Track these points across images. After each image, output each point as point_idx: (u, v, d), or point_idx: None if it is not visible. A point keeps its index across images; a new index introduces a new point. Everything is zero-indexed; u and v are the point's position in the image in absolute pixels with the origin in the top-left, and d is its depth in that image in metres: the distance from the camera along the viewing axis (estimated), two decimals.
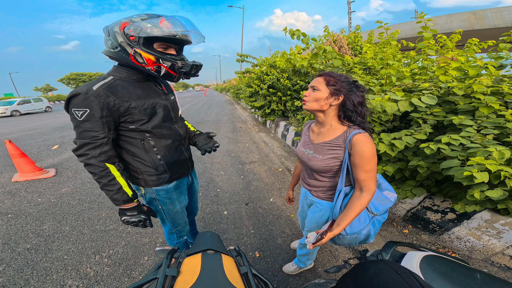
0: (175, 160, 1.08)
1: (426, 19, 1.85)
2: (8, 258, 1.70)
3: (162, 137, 1.02)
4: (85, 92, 0.84)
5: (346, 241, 1.01)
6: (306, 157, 1.01)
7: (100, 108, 0.85)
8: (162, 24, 0.85)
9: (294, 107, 5.45)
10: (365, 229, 0.97)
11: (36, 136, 6.28)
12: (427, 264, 0.60)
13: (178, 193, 1.16)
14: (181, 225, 1.25)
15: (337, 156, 0.91)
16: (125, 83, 0.93)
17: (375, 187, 0.89)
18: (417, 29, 1.87)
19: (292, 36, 1.92)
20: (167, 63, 0.91)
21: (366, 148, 0.84)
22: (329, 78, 0.89)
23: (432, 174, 1.64)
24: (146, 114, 0.95)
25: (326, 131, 0.96)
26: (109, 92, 0.87)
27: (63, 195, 2.72)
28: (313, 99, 0.91)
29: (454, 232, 1.63)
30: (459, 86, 1.42)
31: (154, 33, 0.84)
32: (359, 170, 0.87)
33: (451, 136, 1.32)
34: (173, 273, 0.56)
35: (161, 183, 1.07)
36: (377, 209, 0.98)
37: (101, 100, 0.85)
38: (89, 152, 0.88)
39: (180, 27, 0.88)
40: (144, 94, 0.96)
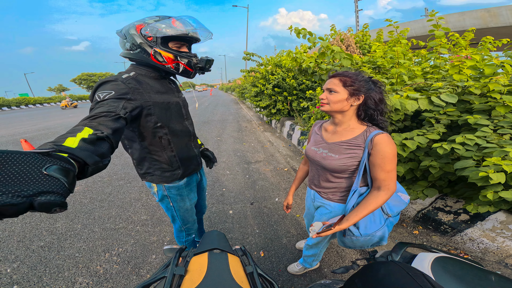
0: (186, 156, 1.12)
1: (438, 17, 1.79)
2: (22, 256, 1.77)
3: (176, 134, 1.05)
4: (114, 79, 0.86)
5: (359, 243, 0.98)
6: (319, 156, 0.99)
7: (124, 93, 0.83)
8: (175, 24, 0.91)
9: (300, 107, 5.41)
10: (380, 230, 0.95)
11: (50, 136, 6.51)
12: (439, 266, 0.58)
13: (189, 190, 1.19)
14: (190, 223, 1.29)
15: (355, 156, 0.90)
16: (146, 78, 0.97)
17: (395, 187, 0.88)
18: (427, 27, 1.82)
19: (297, 35, 1.90)
20: (184, 60, 0.97)
21: (388, 148, 0.83)
22: (345, 78, 0.87)
23: (445, 174, 1.59)
24: (162, 108, 0.98)
25: (343, 131, 0.94)
26: (136, 82, 0.91)
27: (75, 193, 2.81)
28: (332, 101, 0.89)
29: (467, 233, 1.58)
30: (476, 85, 1.37)
31: (169, 32, 0.90)
32: (379, 170, 0.86)
33: (466, 136, 1.27)
34: (181, 272, 0.57)
35: (174, 179, 1.09)
36: (392, 211, 0.96)
37: (128, 86, 0.86)
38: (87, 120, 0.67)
39: (190, 26, 0.94)
40: (162, 89, 1.01)
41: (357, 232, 0.95)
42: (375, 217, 0.95)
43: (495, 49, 2.13)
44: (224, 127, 6.96)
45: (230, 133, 6.01)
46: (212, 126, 7.20)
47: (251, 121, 8.00)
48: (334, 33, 4.18)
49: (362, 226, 0.95)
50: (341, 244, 1.09)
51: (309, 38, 1.89)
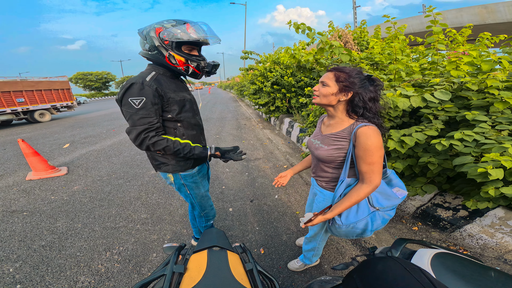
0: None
1: (435, 13, 1.78)
2: (24, 255, 1.77)
3: (189, 127, 1.17)
4: (140, 82, 0.99)
5: (342, 232, 1.01)
6: (313, 147, 1.04)
7: (153, 96, 1.00)
8: (189, 30, 1.01)
9: (299, 104, 5.40)
10: (362, 221, 0.97)
11: (48, 135, 6.48)
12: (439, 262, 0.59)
13: (201, 177, 1.31)
14: (207, 209, 1.42)
15: (341, 148, 0.93)
16: (164, 78, 1.09)
17: (378, 180, 0.88)
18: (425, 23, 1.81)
19: (296, 30, 1.89)
20: (194, 63, 1.07)
21: (369, 141, 0.84)
22: (339, 74, 0.88)
23: (444, 170, 1.60)
24: (179, 105, 1.10)
25: (335, 124, 0.97)
26: (157, 83, 1.03)
27: (75, 193, 2.80)
28: (322, 94, 0.92)
29: (466, 229, 1.60)
30: (473, 81, 1.37)
31: (184, 38, 1.00)
32: (361, 162, 0.88)
33: (464, 132, 1.28)
34: (180, 270, 0.57)
35: (188, 168, 1.21)
36: (380, 204, 0.97)
37: (153, 89, 1.00)
38: (149, 134, 1.02)
39: (202, 33, 1.04)
40: (177, 87, 1.12)
41: (339, 220, 0.98)
42: (358, 208, 0.97)
43: (492, 45, 2.13)
44: (223, 125, 6.95)
45: (229, 131, 6.01)
46: (211, 124, 7.18)
47: (250, 118, 7.98)
48: (332, 29, 4.15)
49: (344, 215, 0.97)
50: (329, 231, 1.13)
51: (308, 33, 1.88)
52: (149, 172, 3.39)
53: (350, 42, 3.96)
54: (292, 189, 2.74)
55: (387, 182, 1.02)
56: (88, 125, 8.11)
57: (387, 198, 0.97)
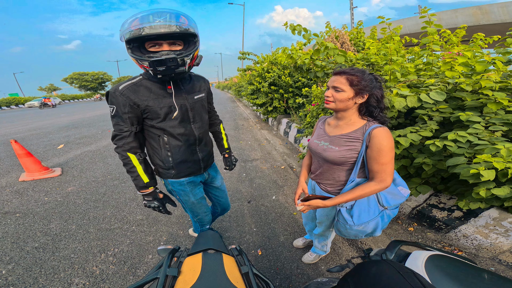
0: (184, 159, 1.12)
1: (430, 14, 1.80)
2: (17, 257, 1.74)
3: (175, 136, 1.07)
4: (113, 91, 0.95)
5: (353, 232, 1.02)
6: (320, 149, 1.03)
7: (123, 106, 0.95)
8: (133, 24, 0.81)
9: (296, 104, 5.41)
10: (373, 221, 0.98)
11: (42, 136, 6.38)
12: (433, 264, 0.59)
13: (192, 187, 1.22)
14: (200, 215, 1.36)
15: (354, 148, 0.93)
16: (149, 83, 0.99)
17: (389, 181, 0.90)
18: (421, 24, 1.83)
19: (293, 31, 1.89)
20: (145, 63, 0.86)
21: (384, 142, 0.86)
22: (352, 78, 0.88)
23: (438, 171, 1.62)
24: (162, 113, 1.01)
25: (344, 125, 0.97)
26: (131, 91, 0.95)
27: (69, 194, 2.76)
28: (338, 100, 0.91)
29: (461, 230, 1.61)
30: (467, 82, 1.39)
31: (126, 36, 0.83)
32: (374, 163, 0.89)
33: (458, 133, 1.29)
34: (174, 273, 0.56)
35: (170, 177, 1.15)
36: (388, 203, 0.98)
37: (124, 97, 0.94)
38: (117, 142, 1.02)
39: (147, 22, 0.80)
40: (162, 94, 1.00)
41: (351, 220, 0.99)
42: (369, 207, 0.98)
43: (486, 46, 2.16)
44: None
45: (227, 132, 5.97)
46: None
47: (247, 119, 7.97)
48: (330, 30, 4.17)
49: (356, 215, 0.98)
50: (337, 232, 1.13)
51: (304, 35, 1.88)
52: None
53: (347, 42, 3.99)
54: (290, 190, 2.74)
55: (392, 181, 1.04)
56: (83, 125, 8.01)
57: (394, 197, 0.99)
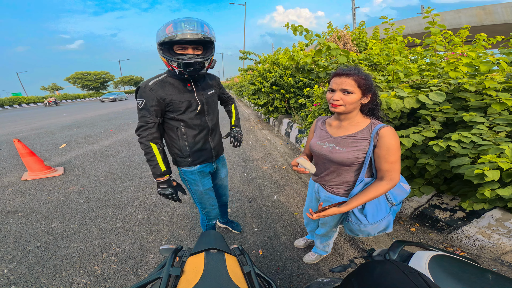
0: (199, 148, 1.27)
1: (434, 14, 1.79)
2: (19, 256, 1.75)
3: (192, 127, 1.22)
4: (143, 86, 1.09)
5: (367, 230, 1.03)
6: (326, 150, 1.01)
7: (151, 99, 1.08)
8: (168, 29, 0.98)
9: (298, 104, 5.40)
10: (386, 218, 1.01)
11: (44, 135, 6.41)
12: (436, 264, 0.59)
13: (201, 176, 1.34)
14: (208, 208, 1.45)
15: (362, 148, 0.93)
16: (172, 80, 1.14)
17: (398, 178, 0.91)
18: (423, 24, 1.82)
19: (294, 32, 1.89)
20: (174, 63, 1.03)
21: (393, 141, 0.87)
22: (360, 79, 0.89)
23: (441, 172, 1.61)
24: (183, 106, 1.15)
25: (348, 125, 0.97)
26: (159, 87, 1.10)
27: (71, 193, 2.77)
28: (348, 103, 0.89)
29: (463, 230, 1.60)
30: (470, 82, 1.38)
31: (161, 39, 1.00)
32: (383, 162, 0.89)
33: (461, 133, 1.28)
34: (177, 273, 0.56)
35: (186, 165, 1.28)
36: (395, 199, 1.01)
37: (153, 92, 1.08)
38: (142, 133, 1.13)
39: (180, 30, 0.97)
40: (184, 90, 1.16)
41: (365, 220, 0.99)
42: (381, 206, 1.00)
43: (489, 47, 2.14)
44: (222, 125, 6.88)
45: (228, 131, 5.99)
46: None
47: (249, 119, 7.98)
48: (331, 30, 4.16)
49: (370, 214, 0.99)
50: (348, 232, 1.13)
51: (305, 35, 1.88)
52: (146, 172, 3.37)
53: (349, 43, 3.97)
54: (291, 190, 2.73)
55: None
56: (86, 125, 8.05)
57: (400, 193, 1.01)
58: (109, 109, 14.02)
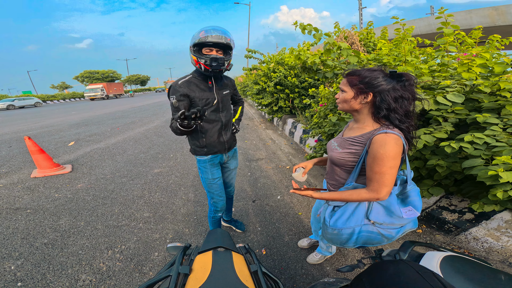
0: (213, 140, 1.43)
1: (447, 15, 1.75)
2: (26, 253, 1.77)
3: (208, 121, 1.39)
4: (174, 85, 1.30)
5: (328, 235, 0.97)
6: (329, 148, 1.04)
7: (180, 95, 1.28)
8: (200, 34, 1.22)
9: (302, 105, 5.37)
10: (348, 230, 0.91)
11: (54, 133, 6.55)
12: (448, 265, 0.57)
13: (211, 165, 1.50)
14: (216, 197, 1.57)
15: (355, 152, 0.90)
16: (196, 80, 1.34)
17: (383, 193, 0.82)
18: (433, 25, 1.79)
19: (303, 30, 1.87)
20: (202, 60, 1.25)
21: (382, 149, 0.79)
22: (352, 78, 0.88)
23: (452, 173, 1.58)
24: (202, 103, 1.33)
25: (357, 128, 0.95)
26: (185, 85, 1.30)
27: (79, 190, 2.82)
28: (342, 100, 0.93)
29: (471, 232, 1.58)
30: (486, 84, 1.35)
31: (195, 41, 1.22)
32: (368, 169, 0.86)
33: (474, 134, 1.25)
34: (186, 271, 0.56)
35: (200, 154, 1.45)
36: (377, 219, 0.88)
37: (181, 90, 1.28)
38: (172, 121, 1.30)
39: (207, 34, 1.21)
40: (204, 88, 1.35)
41: (328, 221, 0.94)
42: (352, 216, 0.91)
43: (503, 47, 2.09)
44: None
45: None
46: None
47: (252, 118, 7.98)
48: (338, 30, 4.13)
49: (334, 218, 0.93)
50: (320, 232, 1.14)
51: (314, 34, 1.86)
52: (152, 170, 3.40)
53: (356, 43, 3.94)
54: None
55: (402, 199, 0.93)
56: (93, 123, 8.19)
57: (389, 214, 0.88)
58: (115, 108, 14.24)
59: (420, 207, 0.92)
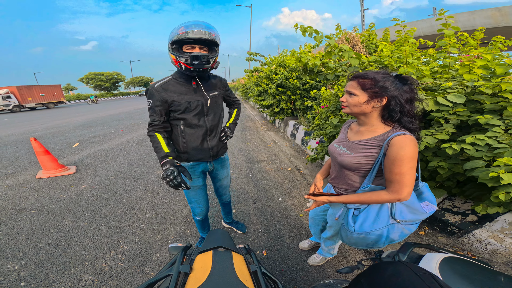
0: (195, 146, 1.32)
1: (447, 16, 1.75)
2: (30, 253, 1.80)
3: (190, 126, 1.28)
4: (150, 88, 1.20)
5: (353, 239, 0.97)
6: (336, 152, 1.01)
7: (156, 100, 1.19)
8: (180, 29, 1.08)
9: (304, 106, 5.38)
10: (376, 232, 0.91)
11: (59, 134, 6.64)
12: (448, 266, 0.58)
13: (191, 172, 1.39)
14: (192, 204, 1.52)
15: (370, 155, 0.89)
16: (175, 82, 1.22)
17: (405, 193, 0.83)
18: (435, 26, 1.79)
19: (303, 33, 1.88)
20: (182, 59, 1.11)
21: (402, 151, 0.79)
22: (364, 81, 0.85)
23: (454, 175, 1.57)
24: (182, 107, 1.22)
25: (365, 131, 0.94)
26: (163, 89, 1.19)
27: (83, 191, 2.85)
28: (351, 104, 0.89)
29: (474, 234, 1.57)
30: (487, 85, 1.34)
31: (174, 38, 1.08)
32: (388, 172, 0.84)
33: (476, 136, 1.25)
34: (186, 270, 0.57)
35: (181, 160, 1.35)
36: (403, 217, 0.90)
37: (157, 94, 1.18)
38: (149, 128, 1.24)
39: (191, 29, 1.07)
40: (185, 91, 1.23)
41: (352, 227, 0.93)
42: (377, 217, 0.92)
43: (506, 49, 2.07)
44: None
45: (234, 132, 6.02)
46: None
47: (254, 120, 8.00)
48: (340, 32, 4.14)
49: (359, 222, 0.92)
50: (339, 237, 1.10)
51: (315, 37, 1.87)
52: (155, 172, 3.43)
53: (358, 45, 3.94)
54: (296, 191, 2.71)
55: (417, 195, 0.95)
56: (97, 124, 8.29)
57: (412, 211, 0.90)
58: (119, 110, 14.39)
59: (435, 201, 0.95)
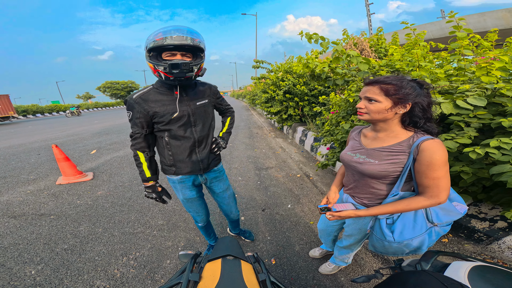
0: (183, 158, 1.25)
1: (458, 18, 1.70)
2: (47, 258, 1.85)
3: (176, 138, 1.20)
4: (129, 99, 1.13)
5: (392, 249, 0.93)
6: (355, 162, 0.97)
7: (136, 112, 1.13)
8: (157, 36, 0.98)
9: (312, 112, 5.34)
10: (418, 238, 0.88)
11: (78, 141, 6.98)
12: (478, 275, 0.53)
13: (182, 186, 1.34)
14: (192, 213, 1.50)
15: (398, 162, 0.86)
16: (156, 92, 1.14)
17: (444, 197, 0.81)
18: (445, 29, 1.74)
19: (309, 40, 1.90)
20: (160, 67, 1.01)
21: (436, 155, 0.78)
22: (388, 87, 0.82)
23: (479, 180, 1.48)
24: (166, 118, 1.14)
25: (385, 137, 0.91)
26: (143, 100, 1.12)
27: (99, 197, 2.95)
28: (373, 111, 0.86)
29: (505, 241, 1.47)
30: (508, 87, 1.28)
31: (150, 45, 0.99)
32: (423, 177, 0.81)
33: (501, 139, 1.18)
34: (195, 278, 0.57)
35: (169, 173, 1.31)
36: (439, 219, 0.88)
37: (137, 105, 1.12)
38: (132, 141, 1.21)
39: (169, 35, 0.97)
40: (167, 101, 1.14)
41: (391, 236, 0.89)
42: (415, 223, 0.89)
43: None
44: (235, 133, 7.04)
45: (242, 139, 6.06)
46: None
47: (262, 127, 8.02)
48: (347, 37, 4.13)
49: (398, 231, 0.89)
50: (371, 248, 1.04)
51: (321, 43, 1.88)
52: (167, 179, 3.49)
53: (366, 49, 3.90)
54: (306, 198, 2.65)
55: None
56: (113, 132, 8.65)
57: (447, 213, 0.89)
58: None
59: (463, 201, 0.94)
